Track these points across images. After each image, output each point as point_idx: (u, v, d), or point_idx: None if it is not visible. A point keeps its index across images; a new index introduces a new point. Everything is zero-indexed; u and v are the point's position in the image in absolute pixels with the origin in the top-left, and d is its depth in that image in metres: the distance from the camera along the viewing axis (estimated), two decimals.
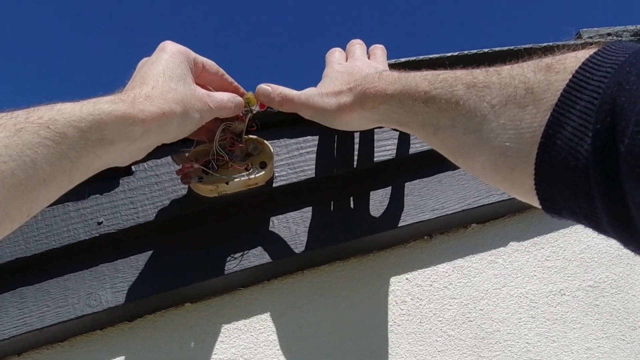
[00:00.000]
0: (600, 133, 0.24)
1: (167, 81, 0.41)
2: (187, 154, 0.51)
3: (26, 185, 0.30)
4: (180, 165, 0.50)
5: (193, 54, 0.46)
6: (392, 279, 0.57)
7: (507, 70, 0.32)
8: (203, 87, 0.47)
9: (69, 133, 0.33)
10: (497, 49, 0.58)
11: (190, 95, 0.42)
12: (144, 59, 0.45)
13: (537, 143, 0.27)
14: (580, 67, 0.26)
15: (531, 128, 0.28)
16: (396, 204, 0.56)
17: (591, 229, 0.27)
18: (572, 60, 0.27)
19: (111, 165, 0.38)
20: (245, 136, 0.52)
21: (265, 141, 0.52)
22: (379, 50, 0.54)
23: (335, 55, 0.53)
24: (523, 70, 0.30)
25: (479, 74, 0.34)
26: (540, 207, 0.29)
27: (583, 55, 0.27)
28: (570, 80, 0.26)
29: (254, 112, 0.51)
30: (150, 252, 0.54)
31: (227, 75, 0.50)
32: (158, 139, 0.40)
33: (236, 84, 0.51)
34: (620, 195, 0.23)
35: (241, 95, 0.50)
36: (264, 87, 0.49)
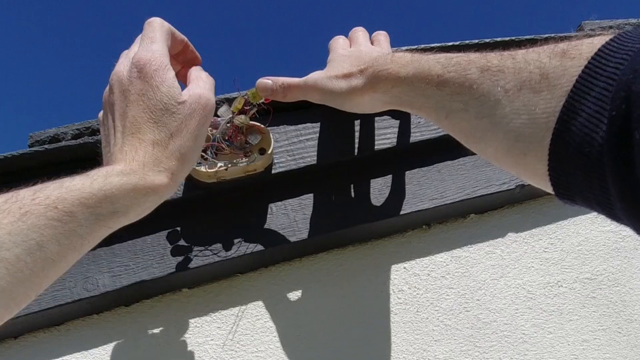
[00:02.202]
0: (615, 120, 0.24)
1: (155, 128, 0.37)
2: None
3: (33, 268, 0.30)
4: (222, 118, 0.50)
5: (167, 37, 0.41)
6: (390, 268, 0.57)
7: (521, 55, 0.32)
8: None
9: (78, 211, 0.32)
10: (498, 39, 0.58)
11: (185, 133, 0.38)
12: (117, 78, 0.39)
13: (551, 129, 0.27)
14: (595, 54, 0.26)
15: (545, 113, 0.28)
16: (395, 193, 0.56)
17: (604, 216, 0.27)
18: (588, 47, 0.27)
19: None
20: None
21: (265, 127, 0.51)
22: (382, 36, 0.54)
23: (339, 41, 0.53)
24: (538, 55, 0.30)
25: (493, 58, 0.34)
26: (552, 192, 0.29)
27: (599, 41, 0.27)
28: (586, 67, 0.26)
29: (258, 107, 0.50)
30: (147, 237, 0.54)
31: (191, 46, 0.46)
32: (169, 195, 0.39)
33: (197, 54, 0.47)
34: (634, 183, 0.23)
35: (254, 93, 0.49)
36: (264, 80, 0.48)
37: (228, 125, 0.50)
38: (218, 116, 0.50)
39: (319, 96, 0.47)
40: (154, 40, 0.39)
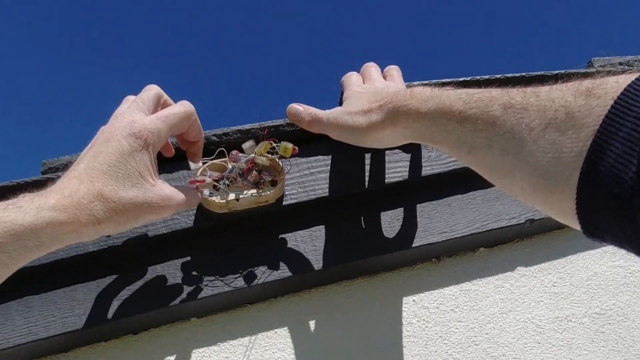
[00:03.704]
0: None
1: (117, 186, 0.39)
2: (204, 164, 0.51)
3: None
4: (194, 174, 0.51)
5: (180, 124, 0.44)
6: (399, 301, 0.57)
7: (545, 93, 0.32)
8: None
9: (7, 242, 0.34)
10: (509, 75, 0.58)
11: (136, 202, 0.40)
12: (102, 129, 0.43)
13: (578, 168, 0.27)
14: (622, 93, 0.26)
15: (572, 152, 0.28)
16: (405, 226, 0.56)
17: (635, 255, 0.27)
18: (613, 85, 0.28)
19: None
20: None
21: (278, 160, 0.52)
22: (394, 71, 0.54)
23: (352, 78, 0.53)
24: (562, 93, 0.30)
25: (516, 95, 0.34)
26: (580, 230, 0.29)
27: (624, 80, 0.27)
28: (612, 107, 0.26)
29: (280, 157, 0.51)
30: (157, 266, 0.54)
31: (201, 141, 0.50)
32: (89, 239, 0.39)
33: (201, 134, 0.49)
34: None
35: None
36: (296, 107, 0.49)
37: (247, 162, 0.50)
38: (241, 150, 0.51)
39: (339, 133, 0.48)
40: (160, 121, 0.43)
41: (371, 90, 0.49)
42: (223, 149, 0.52)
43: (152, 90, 0.45)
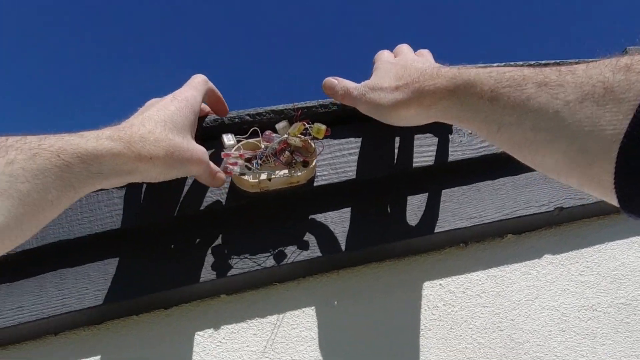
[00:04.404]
0: None
1: (165, 130, 0.44)
2: (238, 142, 0.52)
3: (38, 205, 0.34)
4: (227, 150, 0.52)
5: (207, 91, 0.52)
6: (426, 284, 0.57)
7: (582, 70, 0.32)
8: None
9: (74, 164, 0.36)
10: (543, 62, 0.58)
11: (181, 147, 0.45)
12: (154, 100, 0.49)
13: (618, 141, 0.27)
14: None
15: (611, 126, 0.28)
16: (434, 210, 0.56)
17: None
18: None
19: None
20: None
21: (311, 141, 0.52)
22: (426, 52, 0.54)
23: (384, 54, 0.53)
24: (600, 70, 0.30)
25: (551, 73, 0.33)
26: (617, 205, 0.29)
27: None
28: None
29: (313, 138, 0.52)
30: (189, 243, 0.55)
31: (222, 100, 0.55)
32: (141, 177, 0.43)
33: (226, 107, 0.56)
34: None
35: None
36: (331, 80, 0.51)
37: (280, 142, 0.51)
38: (274, 131, 0.51)
39: (366, 108, 0.48)
40: (192, 88, 0.51)
41: (401, 62, 0.49)
42: (256, 128, 0.52)
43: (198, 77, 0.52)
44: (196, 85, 0.51)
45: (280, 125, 0.52)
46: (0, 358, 0.54)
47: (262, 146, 0.52)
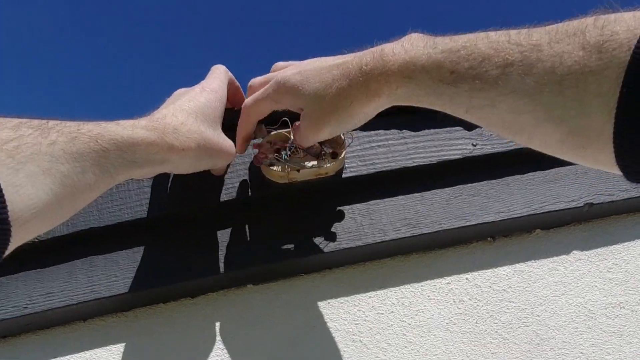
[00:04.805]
0: None
1: (197, 122, 0.45)
2: (268, 133, 0.52)
3: (76, 187, 0.34)
4: (257, 139, 0.53)
5: (229, 81, 0.53)
6: (452, 278, 0.57)
7: (547, 47, 0.30)
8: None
9: (111, 150, 0.36)
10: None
11: (212, 140, 0.46)
12: (182, 90, 0.50)
13: (609, 121, 0.27)
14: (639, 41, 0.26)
15: (598, 107, 0.28)
16: (462, 204, 0.56)
17: None
18: (626, 35, 0.27)
19: None
20: None
21: (345, 142, 0.52)
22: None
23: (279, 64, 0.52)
24: (570, 47, 0.29)
25: (512, 51, 0.31)
26: (622, 175, 0.29)
27: (635, 24, 0.26)
28: (633, 57, 0.26)
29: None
30: (216, 232, 0.55)
31: (241, 92, 0.57)
32: (171, 167, 0.44)
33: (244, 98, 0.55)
34: None
35: None
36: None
37: None
38: None
39: (330, 130, 0.45)
40: (217, 79, 0.52)
41: (310, 66, 0.44)
42: (287, 119, 0.52)
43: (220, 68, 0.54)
44: (220, 76, 0.52)
45: None
46: (29, 343, 0.55)
47: (291, 137, 0.52)
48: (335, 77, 0.41)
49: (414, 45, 0.37)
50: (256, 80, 0.51)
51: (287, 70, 0.45)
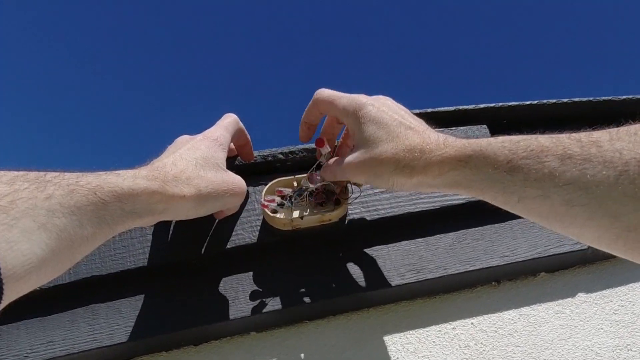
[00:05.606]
0: None
1: (197, 168, 0.45)
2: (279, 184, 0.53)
3: (73, 240, 0.34)
4: (265, 195, 0.53)
5: (237, 130, 0.54)
6: (457, 323, 0.56)
7: (607, 143, 0.30)
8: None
9: (110, 202, 0.36)
10: (576, 99, 0.57)
11: (215, 181, 0.46)
12: (184, 137, 0.51)
13: None
14: None
15: None
16: (466, 249, 0.56)
17: None
18: None
19: None
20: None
21: (348, 185, 0.52)
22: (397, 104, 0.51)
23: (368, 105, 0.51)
24: (630, 145, 0.29)
25: (571, 145, 0.32)
26: None
27: None
28: None
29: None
30: (220, 280, 0.55)
31: (250, 145, 0.57)
32: (172, 215, 0.43)
33: (252, 152, 0.58)
34: None
35: None
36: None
37: (321, 185, 0.51)
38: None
39: (365, 178, 0.46)
40: (221, 128, 0.52)
41: (397, 114, 0.45)
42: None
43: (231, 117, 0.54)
44: (227, 126, 0.53)
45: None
46: None
47: (295, 184, 0.52)
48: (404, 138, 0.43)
49: (477, 139, 0.38)
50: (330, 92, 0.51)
51: (375, 101, 0.46)
